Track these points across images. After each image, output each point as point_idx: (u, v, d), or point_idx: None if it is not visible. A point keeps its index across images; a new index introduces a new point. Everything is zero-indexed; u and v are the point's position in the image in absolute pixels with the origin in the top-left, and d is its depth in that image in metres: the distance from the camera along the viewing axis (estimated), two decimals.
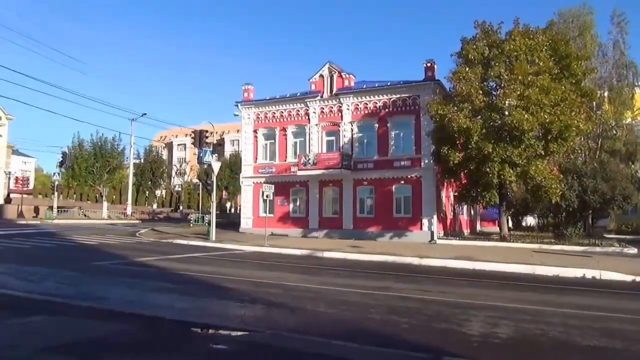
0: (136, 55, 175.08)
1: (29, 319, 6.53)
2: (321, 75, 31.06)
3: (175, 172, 79.81)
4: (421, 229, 27.26)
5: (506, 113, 22.16)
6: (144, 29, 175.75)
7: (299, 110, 31.60)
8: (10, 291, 8.66)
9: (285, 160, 31.64)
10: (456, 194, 30.03)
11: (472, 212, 39.44)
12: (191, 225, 38.54)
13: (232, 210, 68.37)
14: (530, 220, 46.41)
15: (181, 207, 67.25)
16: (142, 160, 68.28)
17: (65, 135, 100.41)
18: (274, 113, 32.40)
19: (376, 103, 29.41)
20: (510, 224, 38.41)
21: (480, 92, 22.71)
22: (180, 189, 77.79)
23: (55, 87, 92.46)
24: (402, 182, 28.27)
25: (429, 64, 28.13)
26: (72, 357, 4.82)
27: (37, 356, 4.80)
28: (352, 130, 30.00)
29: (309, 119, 31.17)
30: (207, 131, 27.19)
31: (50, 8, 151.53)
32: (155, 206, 66.35)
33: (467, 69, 23.37)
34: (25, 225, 32.15)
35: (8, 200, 52.00)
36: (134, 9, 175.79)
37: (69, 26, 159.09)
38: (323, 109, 30.88)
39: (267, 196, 23.27)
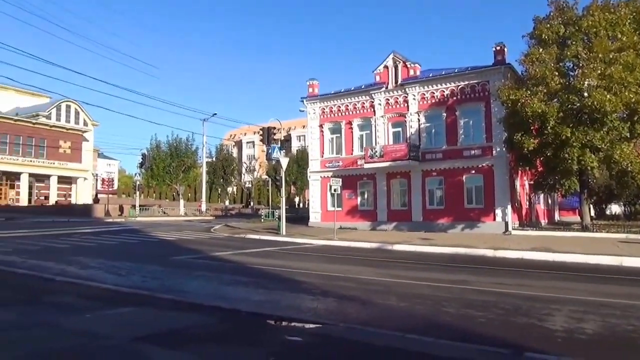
0: (206, 57, 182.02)
1: (119, 310, 7.03)
2: (385, 66, 30.67)
3: (245, 169, 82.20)
4: (494, 219, 26.27)
5: (585, 94, 20.75)
6: (211, 32, 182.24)
7: (364, 103, 31.44)
8: (102, 284, 9.35)
9: (351, 154, 31.64)
10: (532, 182, 28.68)
11: (550, 201, 37.53)
12: (262, 220, 39.58)
13: (301, 204, 69.41)
14: (615, 209, 43.38)
15: (252, 203, 69.29)
16: (214, 159, 71.00)
17: (144, 137, 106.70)
18: (339, 107, 32.46)
19: (443, 91, 28.62)
20: (593, 213, 36.11)
21: (556, 73, 21.47)
22: (250, 186, 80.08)
23: (133, 93, 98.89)
24: (473, 171, 27.37)
25: (498, 48, 26.95)
26: (160, 346, 5.13)
27: (129, 345, 5.16)
28: (419, 120, 29.42)
29: (374, 111, 30.93)
30: (274, 128, 27.75)
31: (124, 17, 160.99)
32: (227, 203, 68.85)
33: (541, 49, 22.18)
34: (111, 223, 34.53)
35: (96, 200, 56.10)
36: (202, 12, 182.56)
37: (141, 33, 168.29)
38: (388, 100, 30.51)
39: (334, 190, 23.43)
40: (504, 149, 25.56)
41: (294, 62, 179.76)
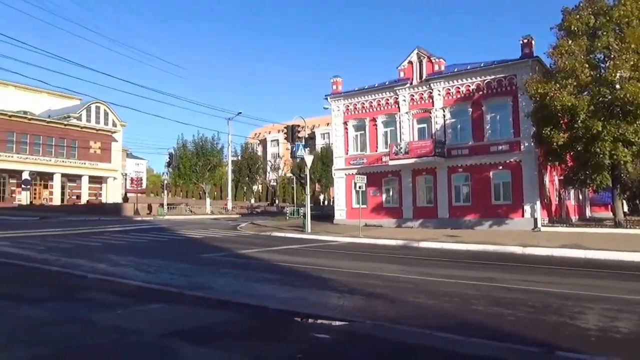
0: (230, 56, 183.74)
1: (149, 307, 7.16)
2: (410, 62, 30.39)
3: (270, 168, 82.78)
4: (523, 216, 25.77)
5: (617, 87, 20.14)
6: (235, 31, 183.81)
7: (388, 99, 31.23)
8: (133, 281, 9.55)
9: (376, 151, 31.48)
10: (561, 177, 28.04)
11: (581, 196, 36.60)
12: (287, 218, 39.77)
13: (326, 202, 69.46)
14: None
15: (277, 201, 69.71)
16: (239, 158, 71.69)
17: (171, 137, 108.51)
18: (363, 104, 32.32)
19: (469, 86, 28.20)
20: (626, 209, 35.04)
21: (586, 65, 20.90)
22: (275, 184, 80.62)
23: (160, 93, 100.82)
24: (501, 167, 26.90)
25: (525, 41, 26.38)
26: (190, 342, 5.20)
27: (159, 341, 5.25)
28: (444, 116, 29.06)
29: (398, 107, 30.70)
30: (298, 126, 27.82)
31: (152, 19, 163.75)
32: (253, 201, 69.44)
33: (570, 41, 21.62)
34: (140, 221, 35.23)
35: (125, 199, 57.37)
36: (226, 13, 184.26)
37: (167, 35, 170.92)
38: (413, 96, 30.22)
39: (359, 187, 23.38)
40: (532, 144, 25.05)
41: (318, 60, 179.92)
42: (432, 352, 5.07)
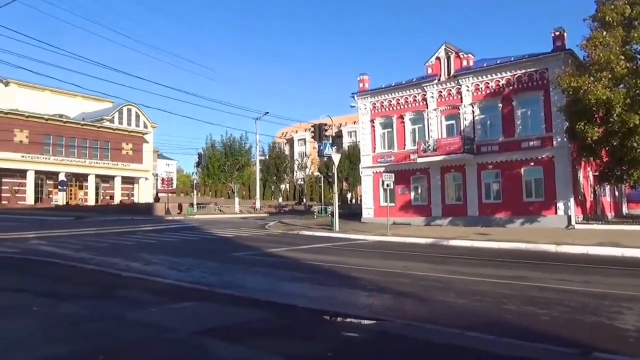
0: (257, 56, 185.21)
1: (181, 305, 7.30)
2: (437, 58, 30.01)
3: (297, 166, 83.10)
4: (556, 213, 25.14)
5: None
6: (261, 31, 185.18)
7: (415, 96, 30.92)
8: (165, 280, 9.76)
9: (404, 148, 31.23)
10: (596, 173, 27.19)
11: (617, 193, 35.46)
12: (315, 216, 39.88)
13: (353, 200, 69.32)
14: None
15: (304, 200, 69.91)
16: (266, 157, 72.24)
17: (200, 137, 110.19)
18: (390, 101, 32.10)
19: (498, 81, 27.66)
20: None
21: (622, 57, 20.21)
22: (302, 182, 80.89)
23: (190, 95, 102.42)
24: (532, 163, 26.30)
25: (557, 33, 25.69)
26: (221, 339, 5.29)
27: (192, 338, 5.36)
28: (473, 112, 28.60)
29: (426, 104, 30.36)
30: (325, 124, 27.86)
31: (179, 21, 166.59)
32: (280, 200, 69.86)
33: (605, 32, 20.92)
34: (171, 220, 35.91)
35: (157, 199, 58.55)
36: (252, 12, 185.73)
37: (197, 36, 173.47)
38: (441, 92, 29.85)
39: (387, 185, 23.25)
40: (565, 139, 24.40)
41: (344, 58, 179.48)
42: (463, 351, 5.00)
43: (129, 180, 60.53)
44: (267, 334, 5.73)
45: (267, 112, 53.49)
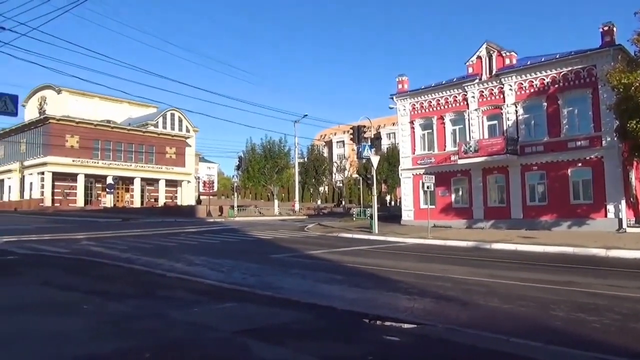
0: (297, 59, 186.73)
1: (223, 305, 7.43)
2: (479, 57, 29.36)
3: (336, 169, 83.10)
4: (605, 216, 24.05)
5: None
6: (299, 34, 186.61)
7: (456, 97, 30.36)
8: (207, 280, 9.97)
9: (444, 150, 30.69)
10: None
11: None
12: (354, 219, 39.73)
13: (392, 203, 68.64)
14: None
15: (343, 202, 69.80)
16: (305, 159, 72.61)
17: (240, 141, 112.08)
18: (430, 102, 31.64)
19: (543, 79, 26.77)
20: None
21: None
22: (341, 185, 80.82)
23: (230, 99, 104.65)
24: (580, 164, 25.29)
25: (606, 28, 24.63)
26: (261, 340, 5.34)
27: (233, 337, 5.44)
28: (516, 112, 27.79)
29: (467, 104, 29.75)
30: (364, 126, 27.78)
31: (220, 26, 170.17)
32: (319, 202, 70.02)
33: None
34: (213, 222, 36.64)
35: (199, 201, 59.96)
36: (290, 17, 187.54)
37: (237, 40, 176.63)
38: (482, 92, 29.18)
39: (427, 187, 22.93)
40: (615, 139, 23.31)
41: (382, 60, 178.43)
42: (509, 358, 4.85)
43: (172, 183, 62.28)
44: (307, 335, 5.75)
45: (306, 115, 53.53)
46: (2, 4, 15.32)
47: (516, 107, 27.72)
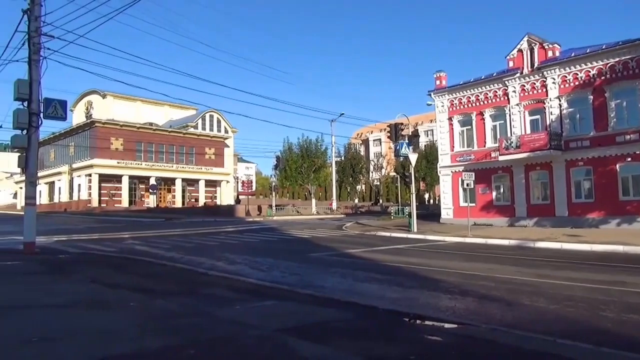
0: (333, 57, 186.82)
1: (264, 303, 7.52)
2: (519, 50, 28.56)
3: (373, 167, 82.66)
4: None
5: None
6: (336, 33, 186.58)
7: (496, 92, 29.65)
8: (248, 279, 10.12)
9: (484, 146, 30.04)
10: None
11: None
12: (391, 217, 39.44)
13: (431, 201, 67.78)
14: None
15: (380, 201, 69.37)
16: (342, 158, 72.54)
17: (277, 140, 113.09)
18: (469, 98, 31.02)
19: (589, 72, 25.77)
20: None
21: None
22: (378, 183, 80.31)
23: (267, 99, 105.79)
24: (629, 159, 24.20)
25: None
26: (303, 338, 5.37)
27: (274, 335, 5.50)
28: (560, 106, 26.88)
29: (508, 99, 29.00)
30: (401, 124, 27.51)
31: (259, 29, 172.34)
32: (356, 201, 69.85)
33: None
34: (252, 222, 37.15)
35: (238, 201, 60.93)
36: (325, 15, 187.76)
37: (275, 42, 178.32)
38: (524, 86, 28.36)
39: (467, 185, 22.52)
40: None
41: (419, 56, 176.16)
42: None
43: (211, 184, 63.55)
44: (348, 334, 5.74)
45: (342, 114, 53.74)
46: (50, 14, 16.04)
47: (560, 101, 26.82)
